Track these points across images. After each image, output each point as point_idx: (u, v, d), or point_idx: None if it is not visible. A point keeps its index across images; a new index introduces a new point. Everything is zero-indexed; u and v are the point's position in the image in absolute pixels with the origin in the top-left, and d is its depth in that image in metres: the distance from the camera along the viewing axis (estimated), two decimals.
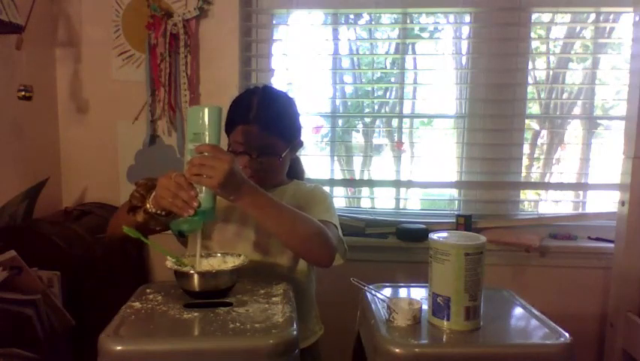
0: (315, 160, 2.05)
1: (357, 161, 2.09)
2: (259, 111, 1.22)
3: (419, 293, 1.07)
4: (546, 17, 1.95)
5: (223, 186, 0.99)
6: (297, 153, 1.42)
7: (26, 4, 1.51)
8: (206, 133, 1.03)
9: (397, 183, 1.99)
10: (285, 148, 1.27)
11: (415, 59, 2.02)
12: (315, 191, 1.34)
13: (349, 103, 2.06)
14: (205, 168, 0.99)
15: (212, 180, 0.99)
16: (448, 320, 0.91)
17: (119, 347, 0.81)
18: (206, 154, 1.01)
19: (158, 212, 1.08)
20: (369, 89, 2.11)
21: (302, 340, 1.11)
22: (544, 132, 2.03)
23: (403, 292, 1.12)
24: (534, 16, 1.92)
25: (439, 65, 2.04)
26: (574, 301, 1.86)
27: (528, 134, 1.99)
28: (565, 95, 2.06)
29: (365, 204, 2.08)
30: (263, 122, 1.21)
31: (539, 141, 2.03)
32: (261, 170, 1.23)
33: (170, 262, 1.05)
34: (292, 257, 1.27)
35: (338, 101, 2.01)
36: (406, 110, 1.99)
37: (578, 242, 1.88)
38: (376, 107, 2.09)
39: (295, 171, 1.45)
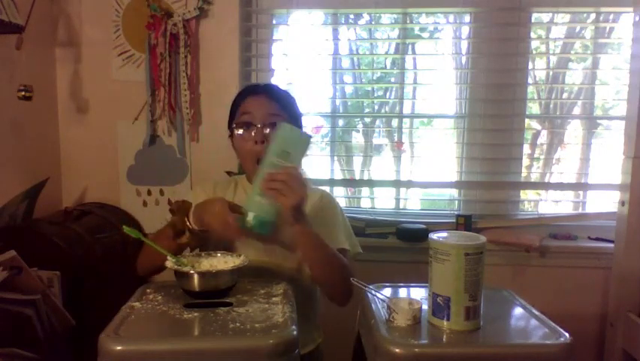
0: (315, 160, 2.05)
1: (357, 161, 2.09)
2: (266, 86, 1.34)
3: (419, 293, 1.07)
4: (546, 17, 1.95)
5: (294, 208, 1.07)
6: None
7: (26, 4, 1.51)
8: (296, 155, 1.11)
9: (397, 183, 1.99)
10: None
11: (414, 59, 2.02)
12: (325, 203, 1.35)
13: (349, 103, 2.06)
14: (285, 187, 1.06)
15: (288, 199, 1.06)
16: (448, 320, 0.91)
17: (119, 347, 0.81)
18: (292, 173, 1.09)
19: (202, 229, 1.14)
20: (369, 89, 2.11)
21: (301, 346, 1.12)
22: (544, 132, 2.03)
23: (402, 292, 1.12)
24: (534, 16, 1.92)
25: (438, 65, 2.03)
26: (574, 301, 1.86)
27: (528, 135, 1.99)
28: (565, 95, 2.06)
29: (365, 204, 2.08)
30: (270, 93, 1.30)
31: (539, 141, 2.03)
32: (266, 142, 1.24)
33: (170, 262, 1.05)
34: (297, 264, 1.27)
35: (338, 101, 2.01)
36: (406, 110, 1.99)
37: (578, 242, 1.88)
38: (376, 107, 2.09)
39: None
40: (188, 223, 1.14)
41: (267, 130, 1.25)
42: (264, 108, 1.26)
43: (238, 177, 1.45)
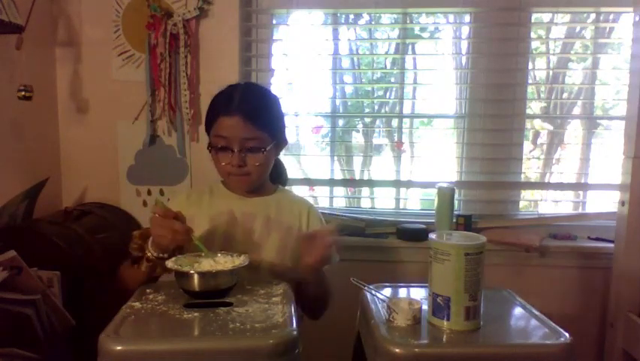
0: (315, 160, 2.05)
1: (357, 161, 2.09)
2: (241, 101, 1.21)
3: (419, 293, 1.07)
4: (546, 17, 1.95)
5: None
6: (282, 153, 1.42)
7: (26, 4, 1.51)
8: None
9: (397, 183, 1.99)
10: (269, 142, 1.24)
11: (414, 59, 2.02)
12: (312, 219, 1.35)
13: (349, 103, 2.06)
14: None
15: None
16: (448, 320, 0.91)
17: (119, 347, 0.81)
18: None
19: (160, 255, 1.11)
20: (369, 89, 2.11)
21: None
22: (544, 132, 2.02)
23: (402, 292, 1.12)
24: (534, 16, 1.92)
25: (439, 65, 2.03)
26: (574, 301, 1.86)
27: (528, 134, 1.99)
28: (565, 95, 2.06)
29: (365, 204, 2.08)
30: (245, 113, 1.19)
31: (539, 141, 2.03)
32: (245, 166, 1.23)
33: (170, 263, 1.05)
34: (279, 266, 1.27)
35: (338, 101, 2.01)
36: (406, 110, 1.99)
37: (578, 242, 1.88)
38: (376, 107, 2.09)
39: (278, 173, 1.43)
40: (147, 251, 1.12)
41: (244, 154, 1.22)
42: (239, 132, 1.19)
43: (213, 183, 1.40)
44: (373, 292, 1.05)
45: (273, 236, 1.28)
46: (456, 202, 2.00)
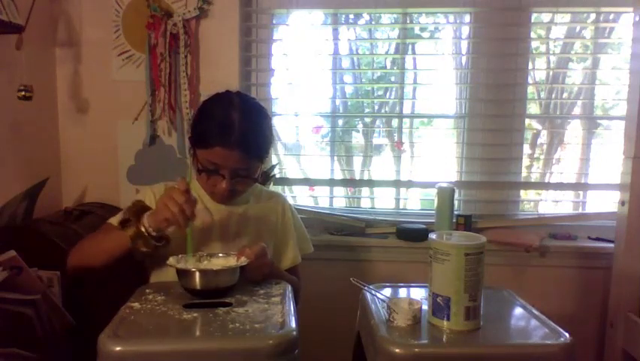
0: (315, 160, 2.05)
1: (357, 161, 2.09)
2: (242, 135, 1.16)
3: (419, 293, 1.07)
4: (546, 17, 1.95)
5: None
6: None
7: (26, 4, 1.51)
8: None
9: (397, 183, 1.99)
10: (260, 167, 1.26)
11: (414, 59, 2.02)
12: (282, 213, 1.36)
13: (349, 103, 2.06)
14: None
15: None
16: (448, 320, 0.91)
17: (118, 347, 0.81)
18: None
19: (151, 232, 1.09)
20: (369, 89, 2.11)
21: None
22: (544, 132, 2.02)
23: (402, 292, 1.13)
24: (534, 16, 1.92)
25: (439, 65, 2.03)
26: (574, 301, 1.86)
27: (528, 135, 1.99)
28: (565, 95, 2.06)
29: (365, 204, 2.08)
30: (245, 148, 1.17)
31: (539, 141, 2.03)
32: (234, 189, 1.23)
33: (172, 260, 1.05)
34: None
35: (338, 101, 2.02)
36: (406, 110, 1.99)
37: (578, 242, 1.88)
38: (376, 107, 2.09)
39: None
40: (141, 223, 1.10)
41: (237, 180, 1.21)
42: (235, 164, 1.17)
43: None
44: (373, 292, 1.05)
45: (249, 233, 1.29)
46: (456, 202, 2.00)
